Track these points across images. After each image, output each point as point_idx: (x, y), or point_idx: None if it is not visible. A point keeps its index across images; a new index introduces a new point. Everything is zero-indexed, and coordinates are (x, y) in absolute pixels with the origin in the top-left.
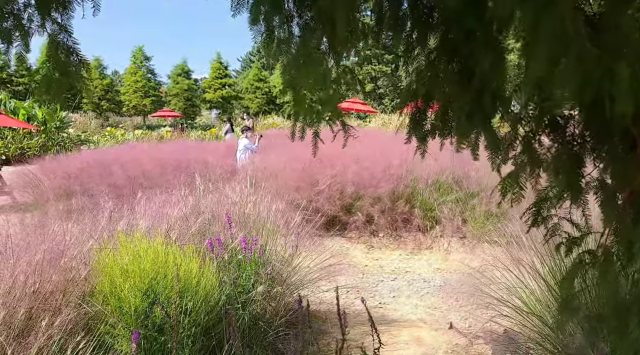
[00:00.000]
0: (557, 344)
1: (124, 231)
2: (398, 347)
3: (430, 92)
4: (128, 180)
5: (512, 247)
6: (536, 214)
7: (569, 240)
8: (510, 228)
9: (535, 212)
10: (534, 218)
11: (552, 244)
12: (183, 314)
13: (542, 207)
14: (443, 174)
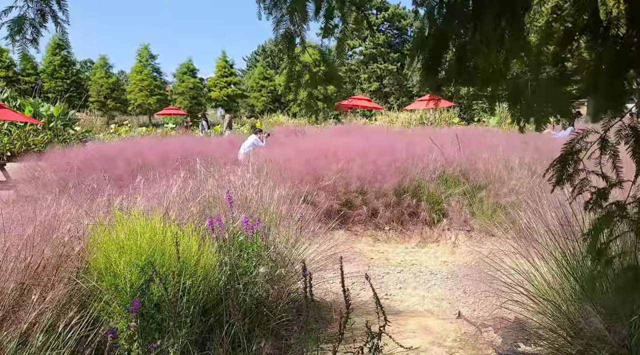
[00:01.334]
0: (570, 329)
1: (121, 209)
2: (405, 335)
3: (445, 34)
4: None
5: (523, 233)
6: (561, 171)
7: (598, 191)
8: (520, 219)
9: (560, 168)
10: (559, 175)
11: (564, 233)
12: (181, 292)
13: (568, 162)
14: (450, 167)
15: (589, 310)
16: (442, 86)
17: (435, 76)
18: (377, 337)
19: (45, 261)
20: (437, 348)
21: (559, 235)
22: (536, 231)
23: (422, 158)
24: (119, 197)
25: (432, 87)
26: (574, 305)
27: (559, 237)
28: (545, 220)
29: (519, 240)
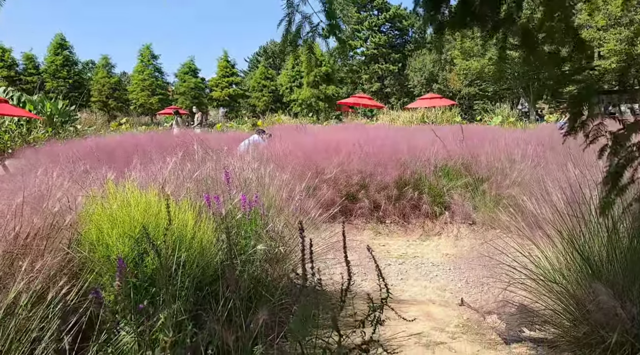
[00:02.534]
0: (577, 311)
1: (115, 184)
2: (409, 324)
3: None
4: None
5: (528, 215)
6: (574, 119)
7: (615, 136)
8: (525, 203)
9: (573, 117)
10: (572, 123)
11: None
12: (176, 265)
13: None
14: (451, 159)
15: (598, 289)
16: (445, 28)
17: (437, 13)
18: (379, 310)
19: (35, 231)
20: (439, 333)
21: (565, 215)
22: (541, 214)
23: (424, 151)
24: (114, 174)
25: (435, 26)
26: (581, 287)
27: (565, 217)
28: (550, 201)
29: (524, 223)
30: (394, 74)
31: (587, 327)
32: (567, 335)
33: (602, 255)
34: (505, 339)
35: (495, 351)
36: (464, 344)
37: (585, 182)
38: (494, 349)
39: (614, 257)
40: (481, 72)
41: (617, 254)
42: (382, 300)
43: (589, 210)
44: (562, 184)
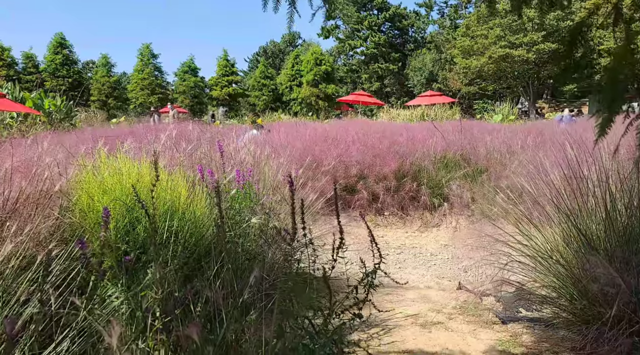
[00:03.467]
0: (573, 288)
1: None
2: (404, 304)
3: None
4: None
5: (526, 195)
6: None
7: None
8: (522, 184)
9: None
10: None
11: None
12: (168, 233)
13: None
14: (450, 151)
15: (596, 261)
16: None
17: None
18: (371, 275)
19: (25, 197)
20: (436, 314)
21: (563, 193)
22: (538, 191)
23: (423, 142)
24: (107, 147)
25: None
26: (579, 263)
27: (563, 194)
28: (548, 178)
29: (522, 204)
30: (394, 73)
31: (585, 302)
32: (565, 311)
33: (600, 231)
34: (501, 319)
35: (492, 330)
36: (460, 323)
37: (584, 161)
38: (490, 328)
39: (612, 232)
40: (481, 71)
41: (615, 228)
42: (374, 265)
43: (586, 186)
44: (560, 161)
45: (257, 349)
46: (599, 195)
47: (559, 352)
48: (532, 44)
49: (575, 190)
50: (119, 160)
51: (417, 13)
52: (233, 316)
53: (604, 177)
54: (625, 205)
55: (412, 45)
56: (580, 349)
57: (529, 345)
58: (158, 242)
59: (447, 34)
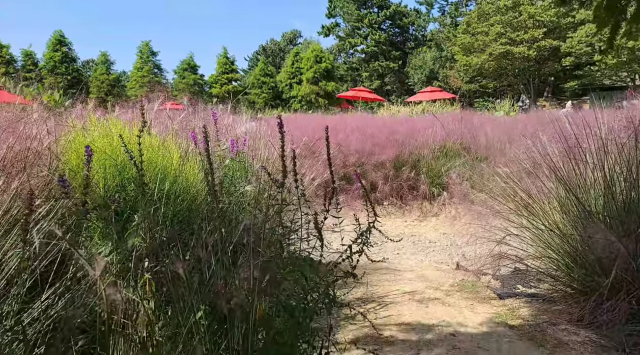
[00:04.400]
0: (570, 258)
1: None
2: (402, 283)
3: None
4: None
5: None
6: None
7: None
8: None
9: None
10: None
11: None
12: (159, 194)
13: None
14: (450, 140)
15: (596, 226)
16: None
17: None
18: (366, 232)
19: (13, 154)
20: (433, 291)
21: (562, 164)
22: (535, 165)
23: (423, 132)
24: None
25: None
26: (578, 232)
27: (562, 167)
28: (545, 152)
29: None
30: (394, 71)
31: (582, 272)
32: (563, 284)
33: (598, 202)
34: (499, 295)
35: (490, 305)
36: (458, 299)
37: (583, 136)
38: (488, 303)
39: (611, 201)
40: (482, 68)
41: (615, 198)
42: (369, 223)
43: (584, 159)
44: (558, 136)
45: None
46: (597, 165)
47: (557, 324)
48: (533, 41)
49: (574, 161)
50: (110, 122)
51: (417, 11)
52: (222, 261)
53: (602, 148)
54: (624, 176)
55: (412, 44)
56: (578, 320)
57: (527, 318)
58: (149, 201)
59: (448, 32)
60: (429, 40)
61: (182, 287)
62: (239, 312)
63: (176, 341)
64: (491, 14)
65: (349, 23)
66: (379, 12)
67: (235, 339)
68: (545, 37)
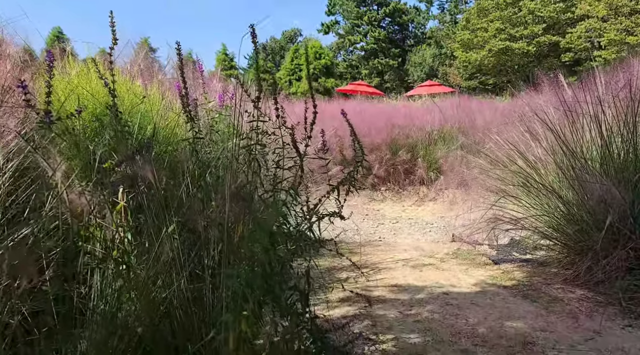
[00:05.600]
0: (563, 217)
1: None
2: (397, 252)
3: None
4: None
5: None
6: None
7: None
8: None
9: None
10: None
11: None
12: (140, 135)
13: None
14: (448, 124)
15: (592, 174)
16: None
17: None
18: (353, 171)
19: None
20: (428, 258)
21: (559, 126)
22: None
23: (421, 118)
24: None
25: None
26: (573, 190)
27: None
28: (542, 114)
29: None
30: (394, 68)
31: (577, 228)
32: (559, 246)
33: (594, 157)
34: (494, 261)
35: (484, 269)
36: (452, 265)
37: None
38: (482, 268)
39: (608, 158)
40: (481, 64)
41: (612, 155)
42: (356, 161)
43: (581, 123)
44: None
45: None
46: (594, 120)
47: (552, 283)
48: (533, 37)
49: (571, 118)
50: (88, 63)
51: (417, 8)
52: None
53: (599, 107)
54: (621, 135)
55: (412, 41)
56: (573, 279)
57: (520, 280)
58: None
59: (447, 29)
60: (428, 37)
61: (154, 199)
62: (216, 230)
63: (148, 256)
64: (490, 10)
65: (349, 20)
66: (378, 10)
67: (211, 256)
68: (544, 32)
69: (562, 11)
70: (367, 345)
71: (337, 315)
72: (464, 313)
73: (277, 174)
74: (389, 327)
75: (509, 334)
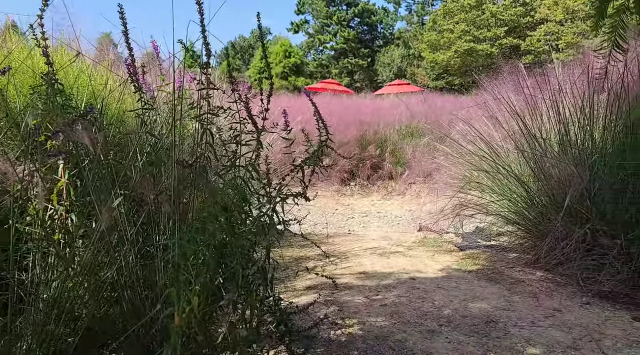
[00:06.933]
0: (525, 202)
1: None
2: (365, 242)
3: None
4: None
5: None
6: None
7: None
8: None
9: None
10: None
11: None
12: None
13: None
14: (415, 120)
15: (553, 156)
16: None
17: None
18: (318, 150)
19: None
20: (396, 246)
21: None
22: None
23: (388, 111)
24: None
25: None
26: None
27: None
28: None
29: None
30: (364, 68)
31: (538, 211)
32: (521, 231)
33: (554, 146)
34: (460, 247)
35: (450, 255)
36: (419, 252)
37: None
38: (448, 254)
39: (566, 142)
40: (448, 65)
41: (571, 142)
42: (320, 140)
43: (540, 109)
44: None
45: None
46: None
47: (515, 266)
48: (495, 39)
49: (531, 103)
50: (30, 36)
51: (385, 9)
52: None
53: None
54: (578, 120)
55: (380, 41)
56: (534, 262)
57: (485, 264)
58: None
59: (415, 31)
60: (396, 38)
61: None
62: (166, 203)
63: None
64: (456, 12)
65: (318, 20)
66: (347, 10)
67: (162, 232)
68: (506, 35)
69: (522, 15)
70: (333, 330)
71: (304, 302)
72: (430, 296)
73: (235, 151)
74: (356, 312)
75: (473, 313)
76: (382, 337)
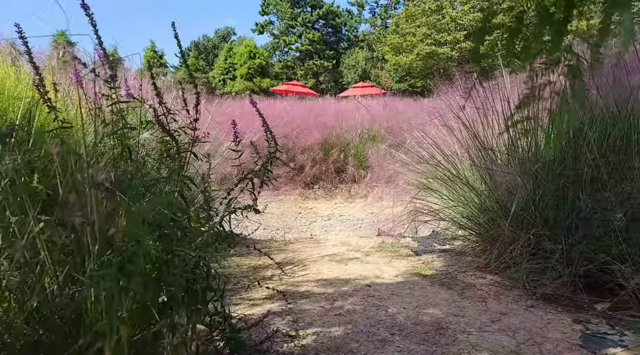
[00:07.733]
0: (477, 208)
1: None
2: (324, 248)
3: None
4: None
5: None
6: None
7: None
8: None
9: None
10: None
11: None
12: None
13: None
14: (376, 123)
15: (499, 169)
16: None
17: None
18: (269, 160)
19: None
20: (354, 253)
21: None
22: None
23: (351, 114)
24: None
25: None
26: (485, 183)
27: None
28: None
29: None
30: (329, 70)
31: (488, 216)
32: (473, 235)
33: (503, 155)
34: (416, 252)
35: (406, 261)
36: (376, 258)
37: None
38: (405, 259)
39: (513, 152)
40: (410, 68)
41: (517, 152)
42: (269, 152)
43: (490, 119)
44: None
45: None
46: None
47: (466, 271)
48: (455, 43)
49: (483, 118)
50: None
51: (349, 12)
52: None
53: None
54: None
55: (345, 44)
56: (485, 266)
57: (439, 269)
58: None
59: (379, 33)
60: (361, 40)
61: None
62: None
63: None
64: (417, 15)
65: (283, 21)
66: (312, 12)
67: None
68: (465, 39)
69: (480, 20)
70: (286, 343)
71: (259, 313)
72: (384, 304)
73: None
74: (311, 323)
75: (425, 320)
76: (334, 349)
